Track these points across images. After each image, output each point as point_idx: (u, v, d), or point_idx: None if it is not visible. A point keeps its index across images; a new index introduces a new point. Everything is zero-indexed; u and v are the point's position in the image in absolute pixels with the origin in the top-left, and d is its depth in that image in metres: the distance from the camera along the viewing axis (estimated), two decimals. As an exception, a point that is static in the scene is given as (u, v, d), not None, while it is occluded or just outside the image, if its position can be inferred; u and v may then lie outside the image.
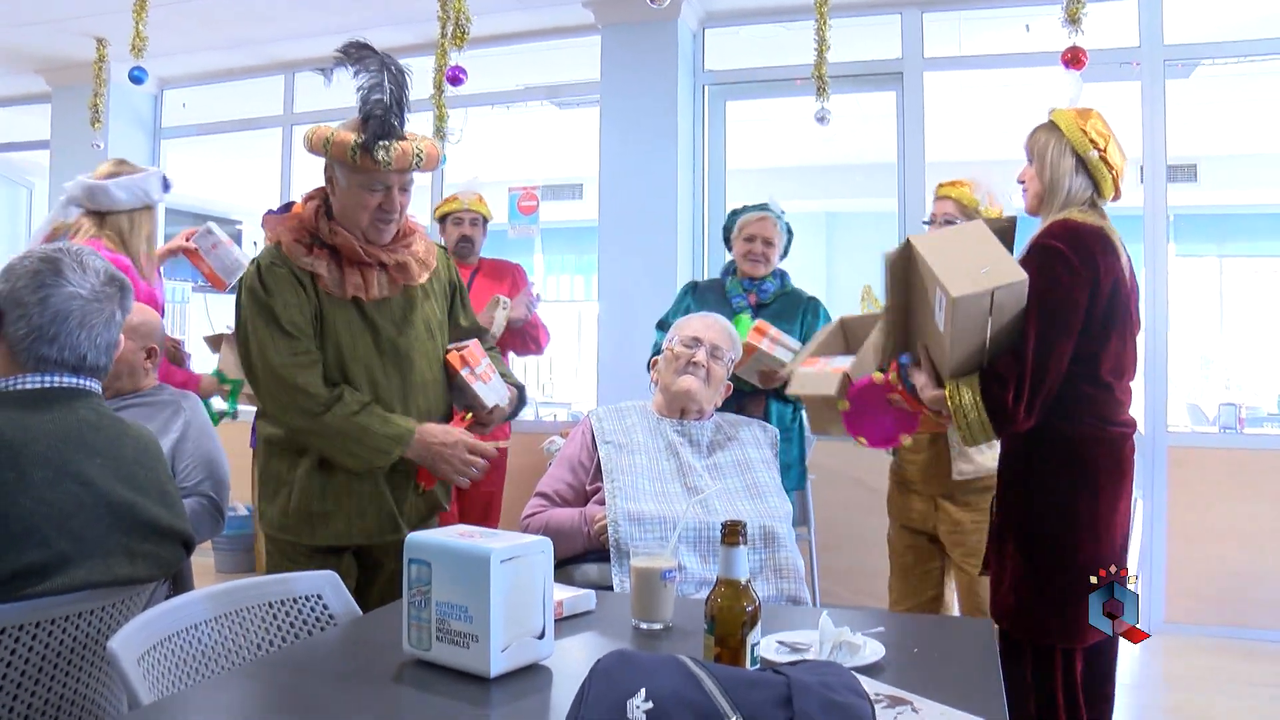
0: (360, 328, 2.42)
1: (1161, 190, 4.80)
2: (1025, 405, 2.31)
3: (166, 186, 3.45)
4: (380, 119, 2.29)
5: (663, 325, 3.67)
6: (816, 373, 2.74)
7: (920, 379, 2.43)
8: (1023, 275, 2.29)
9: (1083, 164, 2.48)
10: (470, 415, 2.52)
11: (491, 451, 2.50)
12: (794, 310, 3.55)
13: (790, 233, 3.74)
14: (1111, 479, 2.40)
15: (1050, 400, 2.33)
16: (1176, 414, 6.75)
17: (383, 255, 2.43)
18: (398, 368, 2.46)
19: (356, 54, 2.33)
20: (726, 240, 3.76)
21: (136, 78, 5.38)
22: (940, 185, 3.24)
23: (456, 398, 2.58)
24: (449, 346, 2.59)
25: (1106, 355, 2.41)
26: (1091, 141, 2.48)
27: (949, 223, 3.08)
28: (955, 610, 3.22)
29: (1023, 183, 2.61)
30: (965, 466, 2.97)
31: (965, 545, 2.98)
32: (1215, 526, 4.66)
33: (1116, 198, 2.54)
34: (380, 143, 2.29)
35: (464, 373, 2.51)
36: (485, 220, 4.41)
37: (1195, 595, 4.66)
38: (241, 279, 2.46)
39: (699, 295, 3.68)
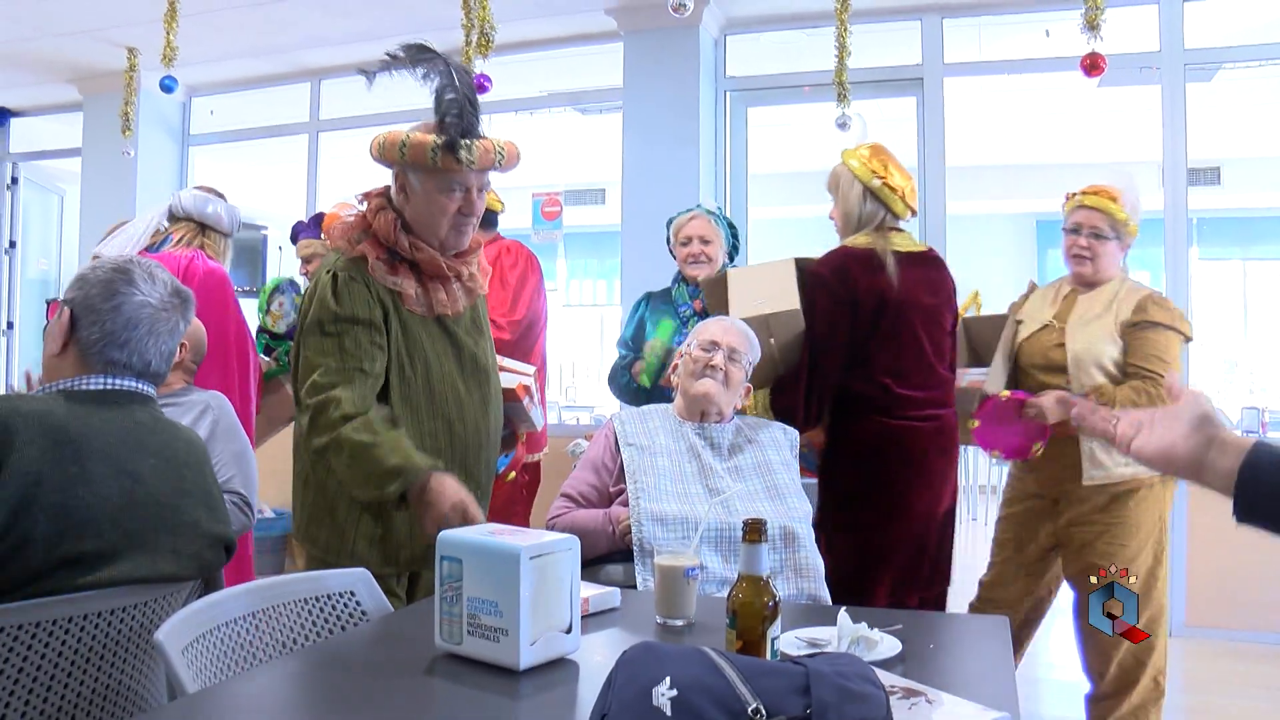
0: (444, 344, 2.37)
1: (1182, 193, 4.80)
2: (804, 410, 2.82)
3: (239, 224, 3.65)
4: (459, 117, 2.22)
5: (624, 343, 3.68)
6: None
7: None
8: (795, 306, 2.84)
9: (870, 192, 2.95)
10: (525, 437, 2.68)
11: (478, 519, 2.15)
12: None
13: (734, 231, 3.72)
14: (901, 467, 2.81)
15: (831, 402, 2.83)
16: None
17: (460, 267, 2.39)
18: (477, 380, 2.44)
19: (416, 56, 2.26)
20: (671, 250, 3.72)
21: (167, 87, 5.46)
22: (1084, 193, 3.13)
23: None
24: (504, 366, 2.65)
25: (880, 358, 2.86)
26: (873, 172, 2.94)
27: (1096, 235, 3.06)
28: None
29: (833, 218, 3.07)
30: (1095, 472, 2.96)
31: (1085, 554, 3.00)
32: (1236, 531, 4.64)
33: (914, 214, 3.04)
34: (462, 141, 2.21)
35: (525, 401, 2.66)
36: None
37: (1216, 598, 4.66)
38: (311, 285, 2.35)
39: (651, 305, 3.68)
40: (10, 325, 7.19)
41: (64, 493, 1.65)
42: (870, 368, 2.86)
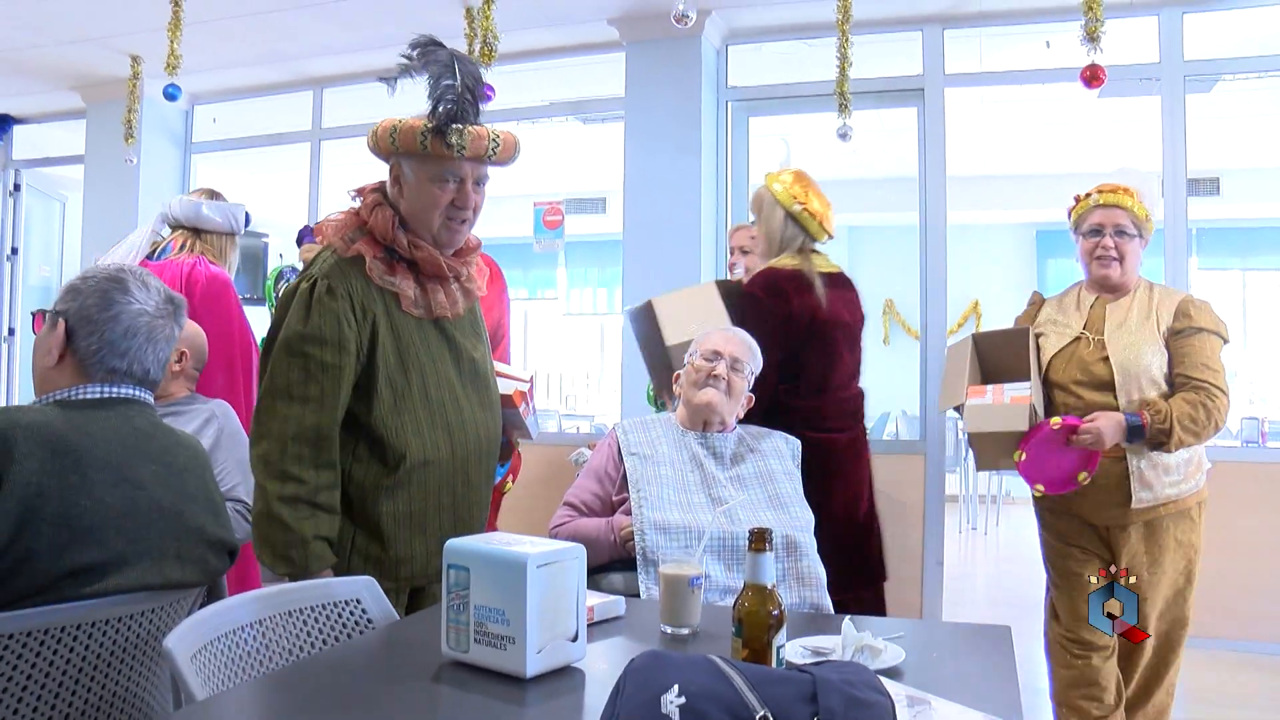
0: (442, 348, 2.29)
1: (1182, 204, 4.82)
2: (744, 420, 2.87)
3: (248, 221, 3.61)
4: (453, 102, 2.12)
5: None
6: (993, 406, 2.89)
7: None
8: (726, 325, 2.95)
9: (790, 216, 3.12)
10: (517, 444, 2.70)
11: None
12: None
13: None
14: (823, 477, 2.93)
15: (766, 411, 2.93)
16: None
17: (459, 267, 2.31)
18: (476, 386, 2.35)
19: (424, 50, 2.16)
20: None
21: (171, 95, 5.48)
22: (1100, 192, 3.02)
23: None
24: (501, 371, 2.58)
25: (809, 373, 3.06)
26: (794, 196, 3.10)
27: (1121, 233, 2.97)
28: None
29: (754, 238, 3.24)
30: (1144, 494, 2.89)
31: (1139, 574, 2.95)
32: (1237, 540, 4.65)
33: (830, 237, 3.21)
34: (453, 126, 2.11)
35: (521, 408, 2.63)
36: None
37: (1217, 610, 4.65)
38: (288, 289, 2.22)
39: None
40: (11, 332, 7.20)
41: (66, 503, 1.65)
42: (799, 382, 3.06)
